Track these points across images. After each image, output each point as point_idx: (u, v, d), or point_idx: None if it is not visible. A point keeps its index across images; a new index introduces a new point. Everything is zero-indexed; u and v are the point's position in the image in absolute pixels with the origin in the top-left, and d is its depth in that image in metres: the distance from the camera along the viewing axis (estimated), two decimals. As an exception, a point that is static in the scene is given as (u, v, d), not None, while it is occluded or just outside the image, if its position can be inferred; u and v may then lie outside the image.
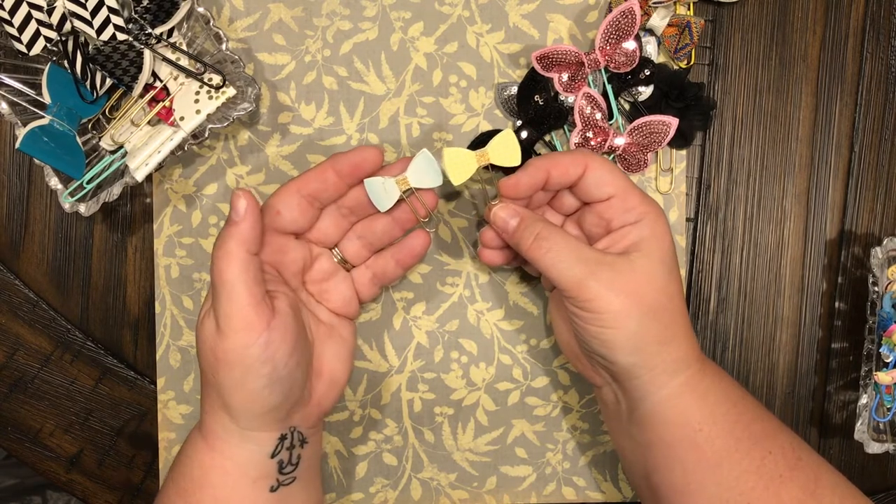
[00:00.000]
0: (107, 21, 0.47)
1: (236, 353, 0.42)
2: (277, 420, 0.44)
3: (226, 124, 0.48)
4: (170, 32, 0.49)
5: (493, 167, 0.49)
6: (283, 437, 0.45)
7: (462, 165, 0.47)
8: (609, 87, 0.52)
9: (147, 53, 0.48)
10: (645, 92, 0.52)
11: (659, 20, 0.51)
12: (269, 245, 0.46)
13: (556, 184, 0.46)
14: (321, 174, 0.46)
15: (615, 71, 0.51)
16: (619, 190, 0.45)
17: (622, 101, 0.53)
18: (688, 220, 0.54)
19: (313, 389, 0.46)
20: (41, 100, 0.48)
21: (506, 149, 0.48)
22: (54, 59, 0.49)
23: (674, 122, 0.51)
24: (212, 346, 0.42)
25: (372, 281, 0.50)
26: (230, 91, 0.49)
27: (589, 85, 0.52)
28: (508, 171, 0.50)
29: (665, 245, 0.45)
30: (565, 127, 0.53)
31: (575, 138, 0.52)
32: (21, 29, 0.47)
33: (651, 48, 0.52)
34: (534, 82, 0.52)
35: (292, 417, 0.45)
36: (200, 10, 0.48)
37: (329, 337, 0.48)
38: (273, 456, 0.44)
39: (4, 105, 0.48)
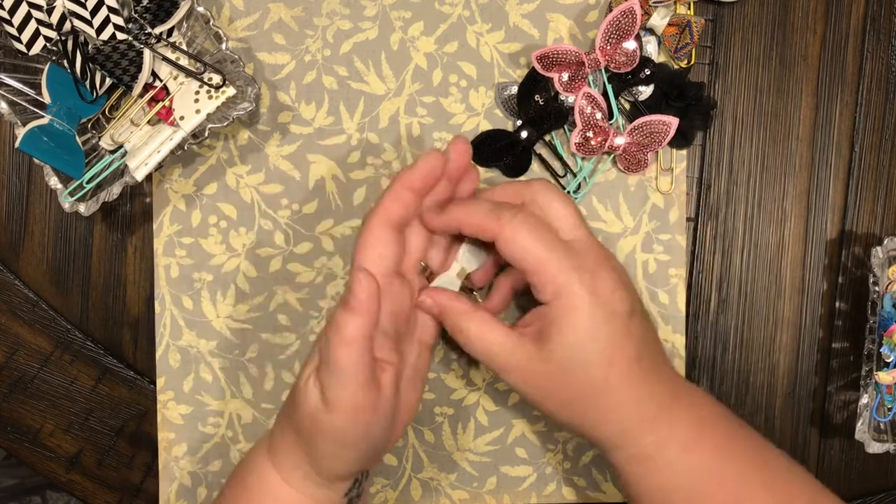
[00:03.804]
0: (106, 20, 0.47)
1: (339, 430, 0.41)
2: (357, 472, 0.45)
3: (226, 124, 0.48)
4: (170, 32, 0.49)
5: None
6: (356, 481, 0.45)
7: None
8: (609, 87, 0.52)
9: (147, 53, 0.48)
10: (645, 91, 0.52)
11: (659, 19, 0.51)
12: (388, 297, 0.43)
13: (480, 238, 0.44)
14: (400, 199, 0.44)
15: (615, 71, 0.51)
16: (530, 267, 0.42)
17: (622, 101, 0.53)
18: (688, 220, 0.54)
19: (392, 436, 0.46)
20: (41, 99, 0.48)
21: None
22: (54, 58, 0.49)
23: (674, 121, 0.51)
24: (313, 413, 0.41)
25: None
26: (230, 91, 0.49)
27: (589, 85, 0.52)
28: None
29: (576, 335, 0.41)
30: (565, 127, 0.53)
31: (575, 138, 0.52)
32: (21, 28, 0.47)
33: (651, 48, 0.52)
34: (534, 82, 0.52)
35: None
36: (200, 9, 0.48)
37: (412, 380, 0.46)
38: (346, 495, 0.45)
39: (4, 105, 0.48)
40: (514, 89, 0.53)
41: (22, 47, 0.48)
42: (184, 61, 0.49)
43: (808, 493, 0.44)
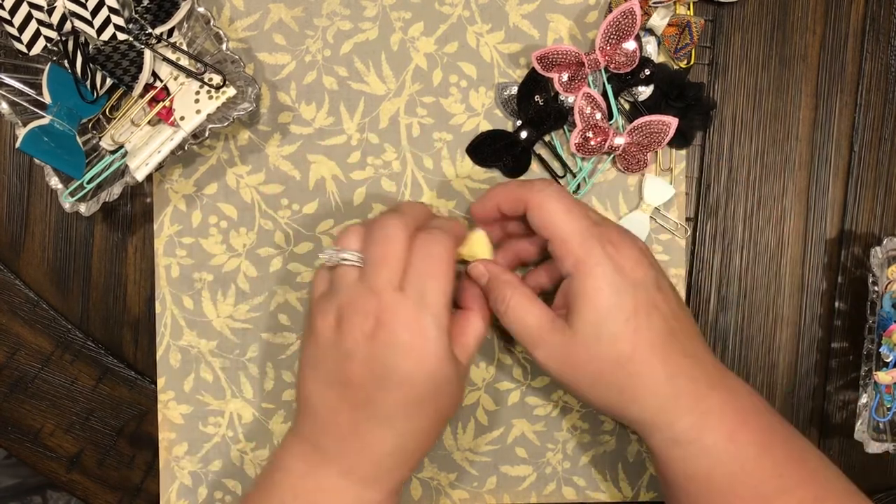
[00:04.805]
0: (107, 21, 0.48)
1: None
2: None
3: (226, 124, 0.48)
4: (170, 32, 0.49)
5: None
6: None
7: None
8: (609, 87, 0.52)
9: (147, 53, 0.48)
10: (645, 92, 0.52)
11: (659, 20, 0.51)
12: None
13: (512, 213, 0.46)
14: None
15: (615, 71, 0.51)
16: (554, 235, 0.43)
17: (622, 101, 0.53)
18: (688, 219, 0.54)
19: None
20: (41, 100, 0.48)
21: (479, 248, 0.49)
22: (54, 58, 0.49)
23: (674, 121, 0.51)
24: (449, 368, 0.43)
25: None
26: (230, 91, 0.49)
27: (589, 85, 0.52)
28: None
29: (599, 303, 0.42)
30: (565, 127, 0.53)
31: (575, 138, 0.52)
32: (21, 29, 0.47)
33: (651, 48, 0.52)
34: (534, 82, 0.52)
35: None
36: (200, 9, 0.48)
37: None
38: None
39: (5, 105, 0.48)
40: (514, 89, 0.53)
41: (23, 47, 0.48)
42: (184, 62, 0.49)
43: (839, 490, 0.44)
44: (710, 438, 0.42)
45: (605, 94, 0.52)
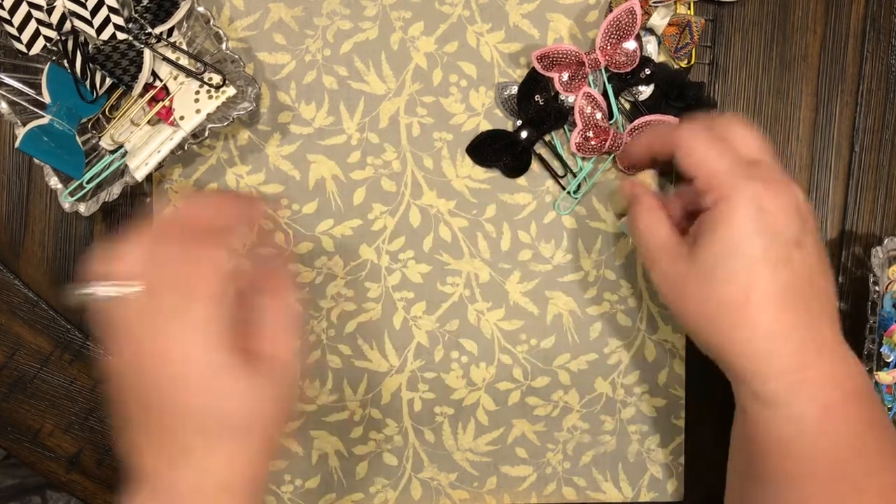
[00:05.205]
0: (107, 20, 0.48)
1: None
2: None
3: (226, 124, 0.48)
4: (170, 32, 0.49)
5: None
6: None
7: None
8: (609, 87, 0.52)
9: (147, 53, 0.48)
10: (645, 91, 0.52)
11: (659, 19, 0.51)
12: None
13: (661, 155, 0.46)
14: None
15: (615, 71, 0.51)
16: (701, 170, 0.42)
17: (622, 101, 0.53)
18: (688, 219, 0.54)
19: None
20: (41, 99, 0.48)
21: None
22: (54, 58, 0.49)
23: (674, 121, 0.51)
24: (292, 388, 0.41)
25: None
26: (230, 90, 0.49)
27: (589, 84, 0.52)
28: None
29: (727, 240, 0.40)
30: (565, 127, 0.53)
31: (575, 138, 0.52)
32: (21, 28, 0.47)
33: (651, 47, 0.52)
34: (534, 82, 0.52)
35: None
36: (200, 9, 0.48)
37: None
38: None
39: (4, 104, 0.48)
40: (514, 89, 0.53)
41: (22, 47, 0.48)
42: (184, 61, 0.49)
43: None
44: (802, 407, 0.41)
45: (605, 94, 0.52)
